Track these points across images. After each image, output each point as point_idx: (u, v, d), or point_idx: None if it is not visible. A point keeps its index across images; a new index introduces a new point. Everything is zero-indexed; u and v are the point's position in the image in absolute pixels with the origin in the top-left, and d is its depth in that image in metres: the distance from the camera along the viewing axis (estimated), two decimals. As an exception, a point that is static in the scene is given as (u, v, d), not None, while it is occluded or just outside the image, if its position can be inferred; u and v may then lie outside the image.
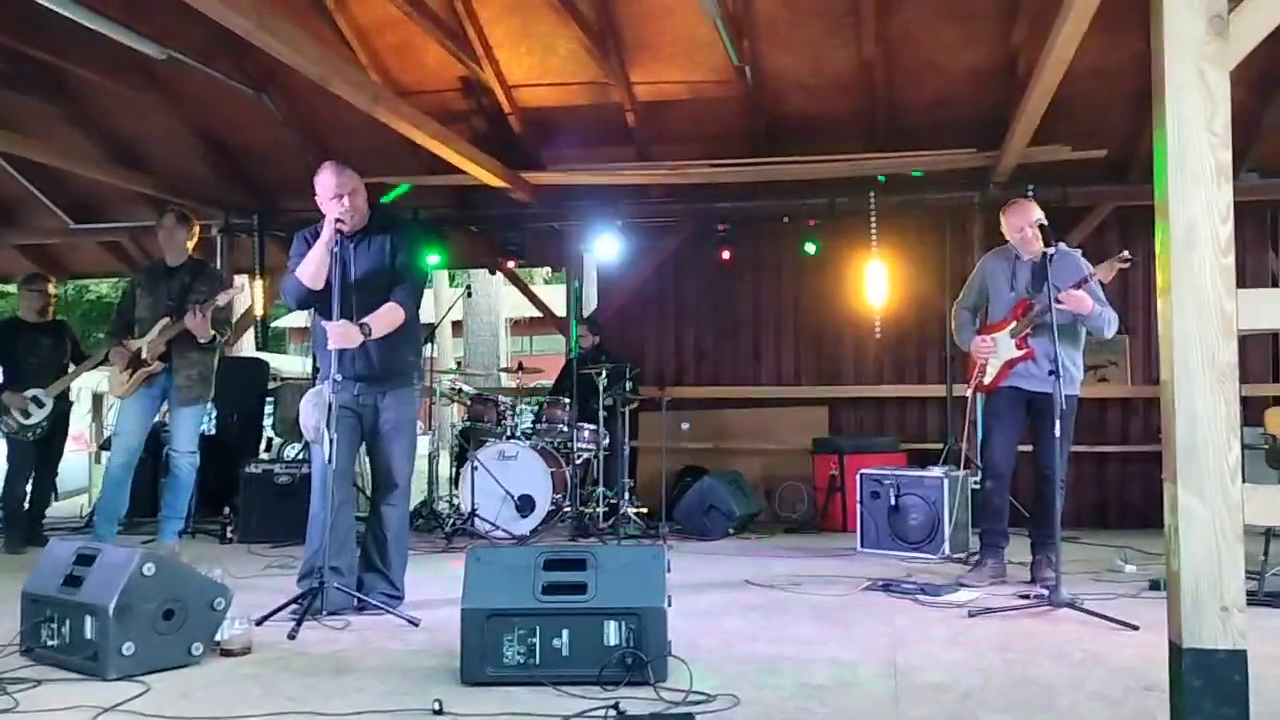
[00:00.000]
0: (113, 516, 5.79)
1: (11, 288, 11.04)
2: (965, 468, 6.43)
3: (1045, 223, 4.91)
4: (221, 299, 5.68)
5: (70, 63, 7.17)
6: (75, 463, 9.96)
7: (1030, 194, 7.18)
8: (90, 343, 7.99)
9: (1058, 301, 4.70)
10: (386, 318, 4.34)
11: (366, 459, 4.77)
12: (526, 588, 3.27)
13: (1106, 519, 7.84)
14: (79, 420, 9.77)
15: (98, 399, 10.63)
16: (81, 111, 8.16)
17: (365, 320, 4.26)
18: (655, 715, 2.82)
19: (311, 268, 4.28)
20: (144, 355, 5.72)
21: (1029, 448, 5.21)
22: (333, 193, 4.32)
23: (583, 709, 2.90)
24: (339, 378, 4.15)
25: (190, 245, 6.01)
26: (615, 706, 2.82)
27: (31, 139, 7.73)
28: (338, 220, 4.25)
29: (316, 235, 4.36)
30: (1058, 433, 4.51)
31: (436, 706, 2.92)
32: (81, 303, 19.95)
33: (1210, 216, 2.29)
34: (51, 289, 6.97)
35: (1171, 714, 2.35)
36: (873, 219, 7.74)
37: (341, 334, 4.16)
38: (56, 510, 8.81)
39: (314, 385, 4.57)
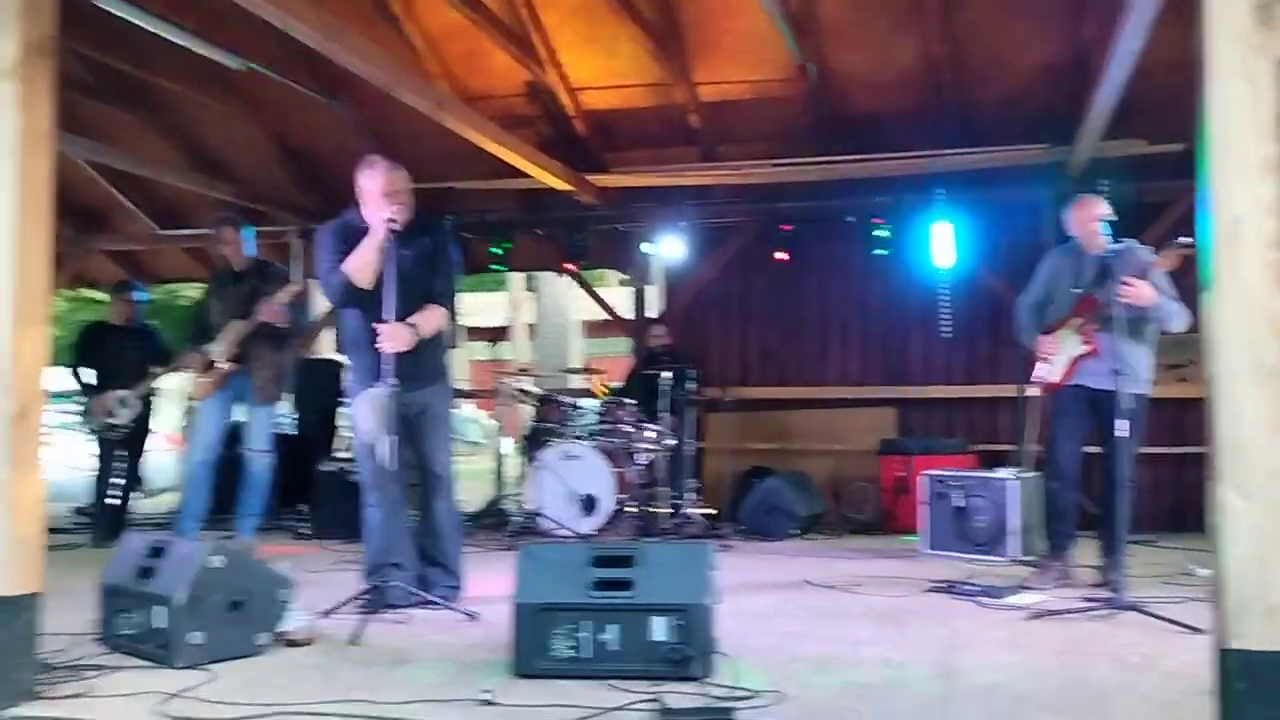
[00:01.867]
0: (194, 514, 5.98)
1: (104, 295, 11.47)
2: (1036, 469, 6.32)
3: (1112, 218, 4.81)
4: (283, 296, 5.81)
5: (153, 74, 7.45)
6: (166, 461, 10.33)
7: (1104, 189, 7.05)
8: (177, 347, 8.26)
9: (1119, 293, 4.60)
10: (433, 319, 4.45)
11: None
12: (577, 583, 3.33)
13: (1185, 523, 7.60)
14: (172, 421, 10.13)
15: (190, 400, 10.98)
16: (165, 121, 8.47)
17: (413, 321, 4.34)
18: (696, 710, 2.84)
19: (364, 266, 4.29)
20: (217, 358, 5.90)
21: (1099, 448, 5.12)
22: (387, 189, 4.36)
23: (626, 702, 2.94)
24: (394, 380, 4.19)
25: (252, 249, 6.11)
26: (658, 700, 2.85)
27: (118, 148, 8.05)
28: (389, 220, 4.26)
29: (348, 230, 4.42)
30: (1121, 432, 4.41)
31: (487, 697, 2.98)
32: (171, 307, 20.56)
33: (1256, 211, 2.24)
34: (136, 297, 7.21)
35: (1218, 716, 2.30)
36: (941, 217, 7.63)
37: (394, 335, 4.22)
38: (146, 507, 9.15)
39: (352, 388, 4.61)
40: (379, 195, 4.36)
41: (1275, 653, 2.19)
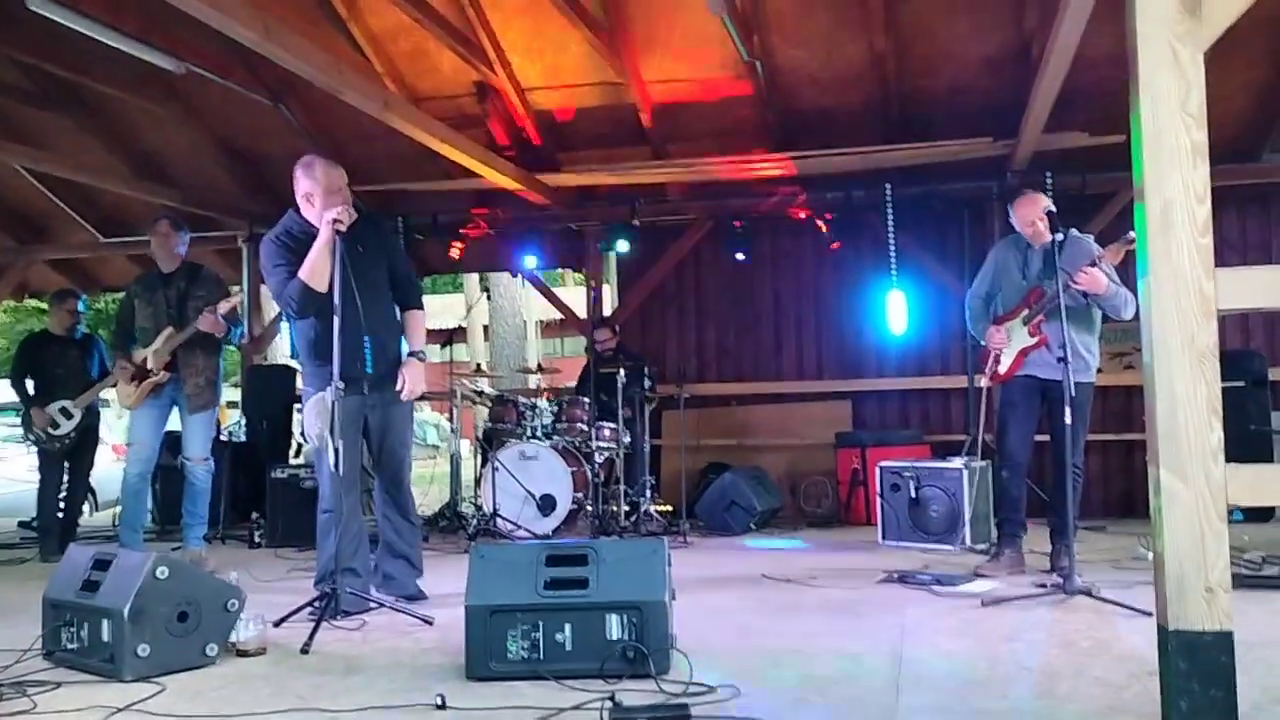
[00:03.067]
0: (136, 525, 5.90)
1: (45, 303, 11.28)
2: (985, 458, 6.39)
3: (1054, 210, 4.87)
4: (223, 308, 5.71)
5: (93, 79, 7.32)
6: (114, 473, 10.16)
7: (1048, 181, 7.16)
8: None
9: (1074, 281, 4.67)
10: (422, 331, 4.57)
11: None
12: (529, 583, 3.30)
13: (1135, 508, 7.73)
14: (120, 432, 9.97)
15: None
16: (106, 127, 8.33)
17: (417, 350, 4.53)
18: (651, 707, 2.84)
19: (319, 269, 4.21)
20: (149, 365, 5.79)
21: (1048, 437, 5.19)
22: (335, 185, 4.31)
23: (581, 701, 2.93)
24: (342, 385, 4.13)
25: (182, 250, 6.00)
26: (611, 698, 2.85)
27: (59, 155, 7.91)
28: (336, 220, 4.16)
29: (292, 237, 4.37)
30: (1068, 420, 4.47)
31: (439, 702, 2.96)
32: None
33: (1187, 197, 2.27)
34: (79, 306, 7.07)
35: (1161, 696, 2.34)
36: (889, 211, 7.70)
37: (415, 377, 4.45)
38: (95, 520, 9.02)
39: (306, 393, 4.55)
40: (321, 194, 4.31)
41: (1214, 633, 2.22)
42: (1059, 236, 4.64)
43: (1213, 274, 2.25)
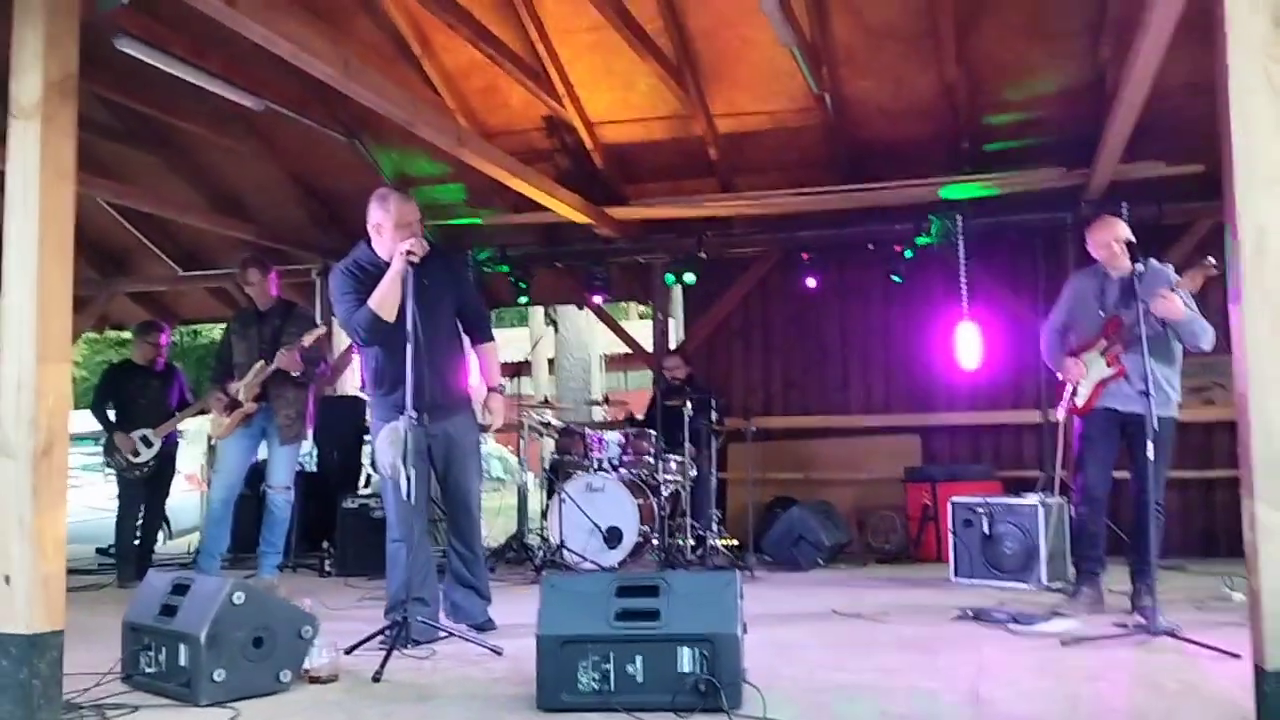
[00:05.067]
0: (215, 552, 6.00)
1: (127, 334, 11.58)
2: (1061, 494, 6.25)
3: (1132, 239, 4.78)
4: (307, 340, 5.86)
5: (174, 116, 7.54)
6: (188, 502, 10.37)
7: (1123, 211, 7.02)
8: (201, 387, 8.35)
9: (1151, 307, 4.56)
10: (497, 363, 4.68)
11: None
12: (601, 614, 3.28)
13: (1216, 547, 7.51)
14: (193, 461, 10.17)
15: (212, 440, 11.04)
16: (186, 162, 8.57)
17: (496, 385, 4.66)
18: (725, 741, 2.80)
19: (389, 300, 4.26)
20: (240, 397, 5.93)
21: (1126, 473, 5.05)
22: (400, 221, 4.37)
23: (654, 735, 2.90)
24: (414, 414, 4.16)
25: (273, 289, 6.17)
26: (685, 732, 2.81)
27: (140, 190, 8.15)
28: (409, 252, 4.22)
29: (362, 268, 4.44)
30: (1150, 455, 4.35)
31: (510, 732, 2.95)
32: (196, 347, 20.75)
33: (1283, 222, 2.21)
34: (162, 339, 7.24)
35: (1260, 740, 2.24)
36: (960, 241, 7.60)
37: (498, 411, 4.64)
38: (169, 547, 9.18)
39: (374, 424, 4.61)
40: (394, 227, 4.38)
41: (1317, 673, 2.13)
42: (1139, 267, 4.54)
43: (1311, 300, 2.18)
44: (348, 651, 4.04)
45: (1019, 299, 8.06)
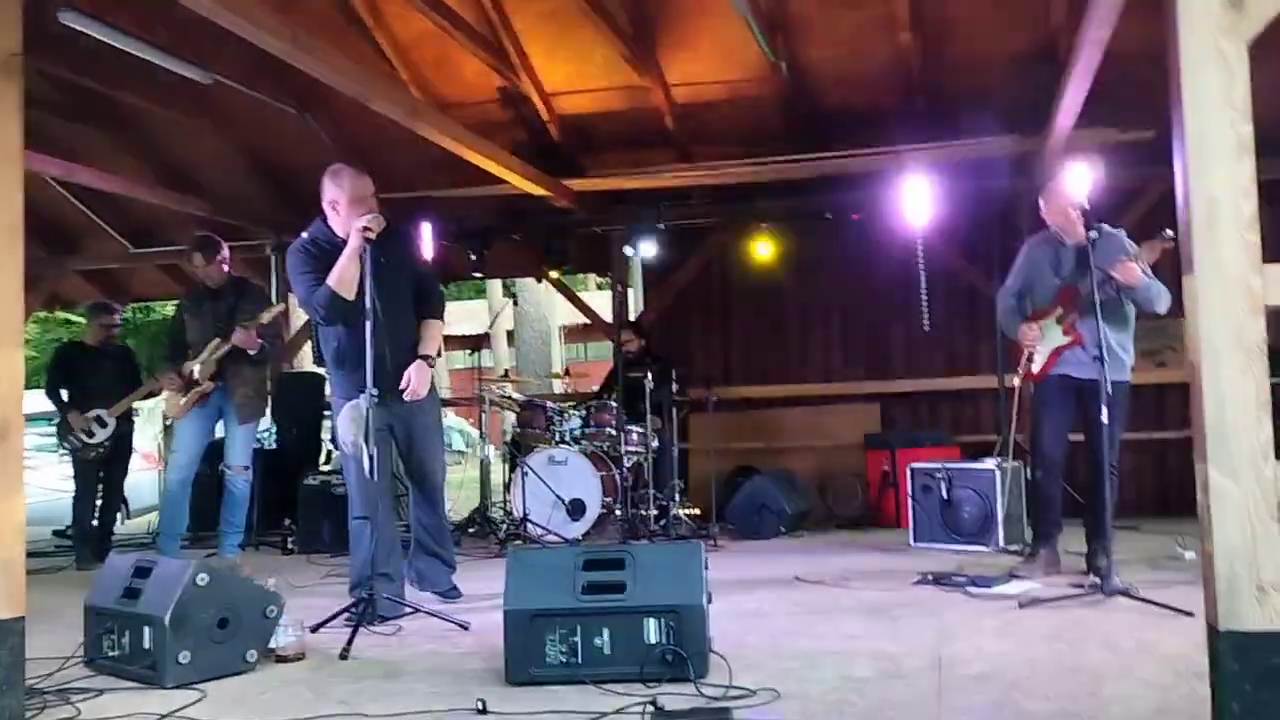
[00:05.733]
0: (174, 532, 5.95)
1: (80, 315, 11.39)
2: (1017, 459, 6.35)
3: (1086, 206, 4.83)
4: (265, 317, 5.81)
5: (122, 90, 7.38)
6: (145, 481, 10.25)
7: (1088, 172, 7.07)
8: (155, 364, 8.24)
9: (1110, 273, 4.63)
10: (438, 337, 4.60)
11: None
12: (567, 588, 3.31)
13: (1169, 507, 7.66)
14: (149, 439, 10.05)
15: (168, 418, 10.91)
16: (135, 138, 8.40)
17: (427, 354, 4.53)
18: (693, 710, 2.83)
19: (348, 277, 4.24)
20: (196, 376, 5.86)
21: (1082, 436, 5.14)
22: (361, 194, 4.34)
23: (622, 705, 2.93)
24: (375, 392, 4.14)
25: (225, 267, 6.08)
26: (654, 703, 2.84)
27: (89, 167, 7.97)
28: (365, 229, 4.18)
29: (318, 246, 4.41)
30: (1105, 419, 4.43)
31: (479, 706, 2.96)
32: (147, 325, 20.43)
33: (1233, 192, 2.25)
34: (116, 319, 7.14)
35: (1212, 698, 2.31)
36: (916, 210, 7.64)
37: (421, 376, 4.48)
38: (127, 528, 9.08)
39: (335, 401, 4.59)
40: (348, 202, 4.33)
41: (1267, 633, 2.19)
42: (1093, 234, 4.60)
43: (1260, 269, 2.23)
44: (314, 630, 4.04)
45: (974, 265, 8.14)
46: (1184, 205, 2.32)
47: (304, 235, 4.51)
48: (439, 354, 4.72)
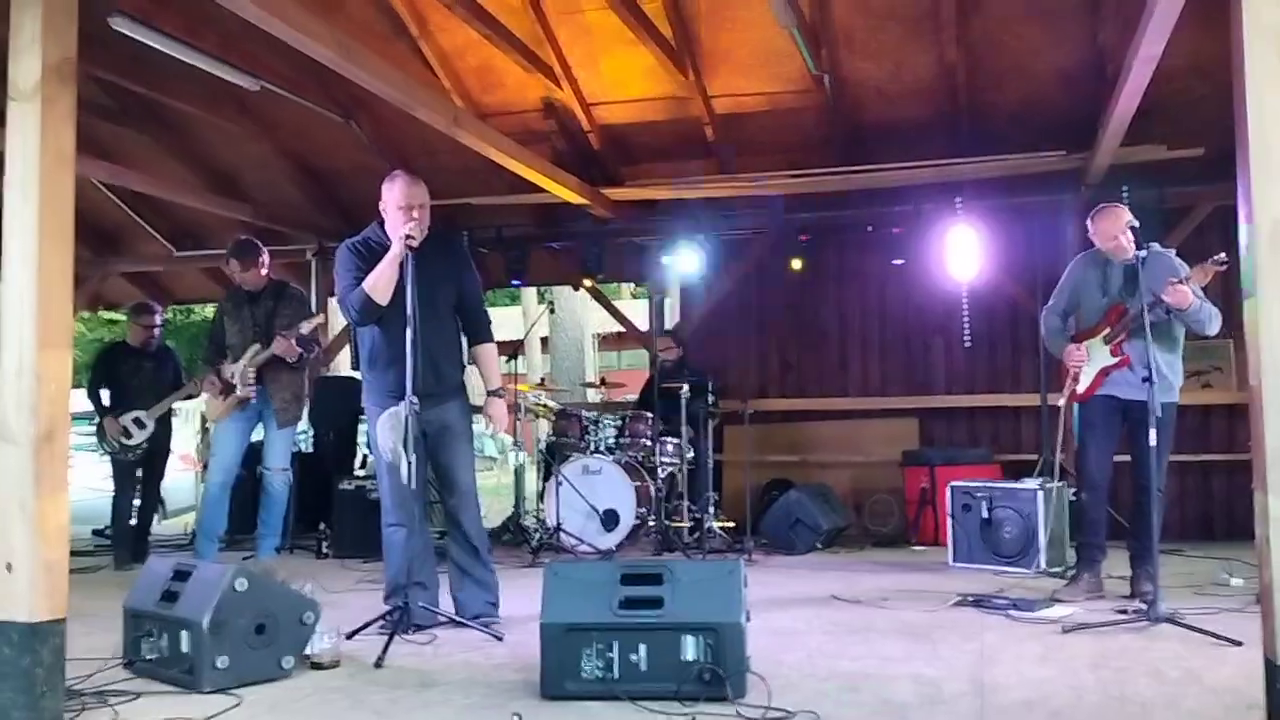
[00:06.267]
0: (212, 534, 5.98)
1: (123, 315, 11.52)
2: (1061, 479, 6.26)
3: (1135, 224, 4.76)
4: (305, 328, 5.83)
5: (170, 96, 7.46)
6: (182, 482, 10.35)
7: (1124, 195, 6.98)
8: (194, 367, 8.32)
9: (1161, 295, 4.55)
10: (497, 366, 4.62)
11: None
12: (604, 602, 3.28)
13: (1213, 532, 7.55)
14: (187, 441, 10.15)
15: (205, 420, 11.01)
16: (181, 142, 8.50)
17: (496, 388, 4.60)
18: (732, 731, 2.80)
19: (383, 283, 4.26)
20: (235, 381, 5.89)
21: (1127, 458, 5.05)
22: (403, 203, 4.33)
23: (659, 724, 2.90)
24: (415, 400, 4.14)
25: (264, 272, 6.10)
26: (691, 722, 2.81)
27: (135, 170, 8.08)
28: (408, 237, 4.21)
29: (368, 247, 4.42)
30: (1153, 442, 4.35)
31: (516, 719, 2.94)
32: (188, 326, 20.66)
33: (1299, 214, 2.19)
34: (157, 320, 7.20)
35: (1269, 734, 2.25)
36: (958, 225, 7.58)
37: (501, 416, 4.63)
38: (164, 528, 9.17)
39: (368, 406, 4.58)
40: (394, 209, 4.35)
41: (1329, 667, 2.13)
42: (1142, 253, 4.52)
43: (1326, 294, 2.17)
44: (349, 636, 4.04)
45: (1017, 282, 8.04)
46: (1247, 227, 2.26)
47: (360, 234, 4.54)
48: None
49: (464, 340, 4.69)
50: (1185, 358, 5.11)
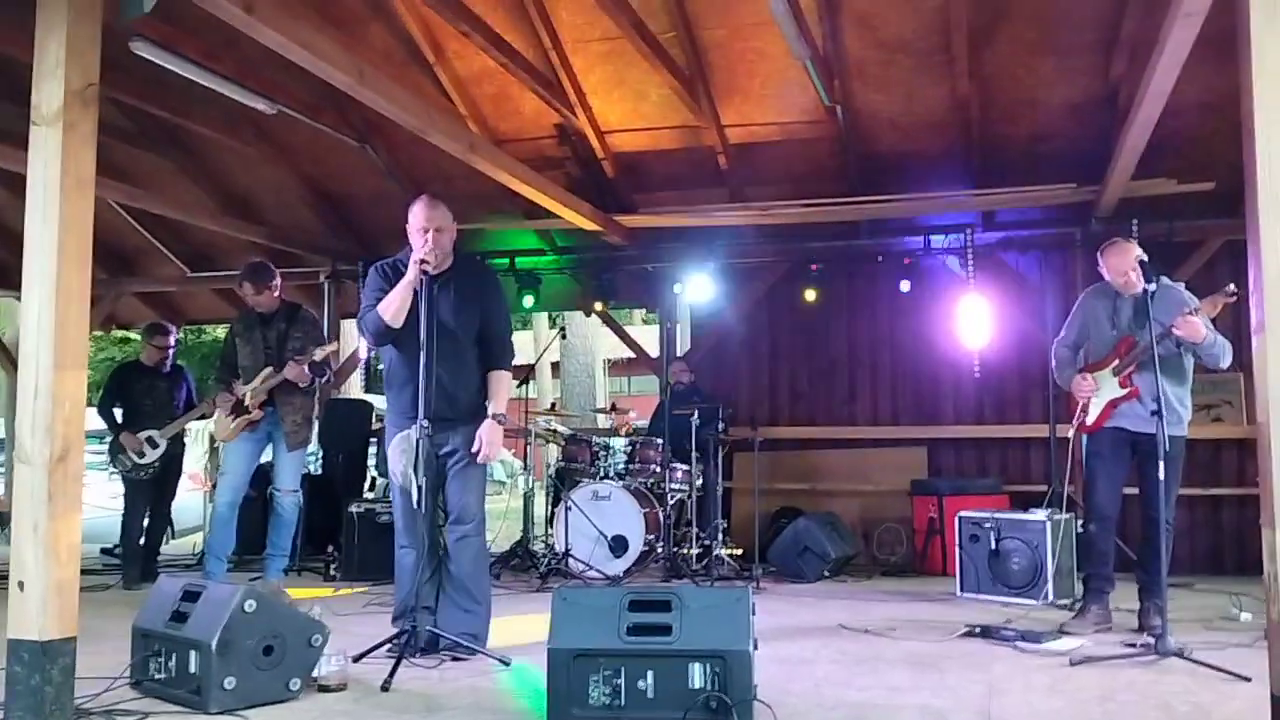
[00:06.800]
0: (221, 554, 5.99)
1: (135, 334, 11.61)
2: (1069, 511, 6.24)
3: (1145, 258, 4.77)
4: (318, 354, 5.85)
5: (187, 119, 7.54)
6: (191, 502, 10.36)
7: (1134, 229, 7.00)
8: (205, 386, 8.37)
9: (1174, 329, 4.56)
10: (505, 393, 4.47)
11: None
12: (612, 628, 3.28)
13: (1223, 565, 7.51)
14: (195, 461, 10.17)
15: (214, 440, 11.03)
16: (198, 165, 8.58)
17: (495, 414, 4.39)
18: (738, 761, 2.79)
19: (395, 305, 4.26)
20: (247, 403, 5.92)
21: (1135, 490, 5.05)
22: (419, 225, 4.33)
23: (666, 752, 2.90)
24: (427, 423, 4.16)
25: (276, 294, 6.12)
26: (698, 750, 2.81)
27: (151, 192, 8.16)
28: (422, 261, 4.22)
29: (395, 269, 4.41)
30: (1161, 475, 4.35)
31: (522, 746, 2.94)
32: (200, 346, 20.76)
33: (1307, 251, 2.21)
34: (171, 341, 7.25)
35: (1277, 771, 2.24)
36: (969, 256, 7.61)
37: (493, 440, 4.35)
38: (172, 548, 9.17)
39: (388, 429, 4.58)
40: (414, 231, 4.37)
41: (1337, 705, 2.12)
42: (1151, 286, 4.54)
43: (1336, 331, 2.18)
44: (356, 659, 4.04)
45: (1027, 313, 8.06)
46: (1255, 263, 2.28)
47: (392, 257, 4.53)
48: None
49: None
50: (1195, 391, 5.12)
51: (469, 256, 4.53)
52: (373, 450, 9.18)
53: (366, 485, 8.87)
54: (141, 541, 7.11)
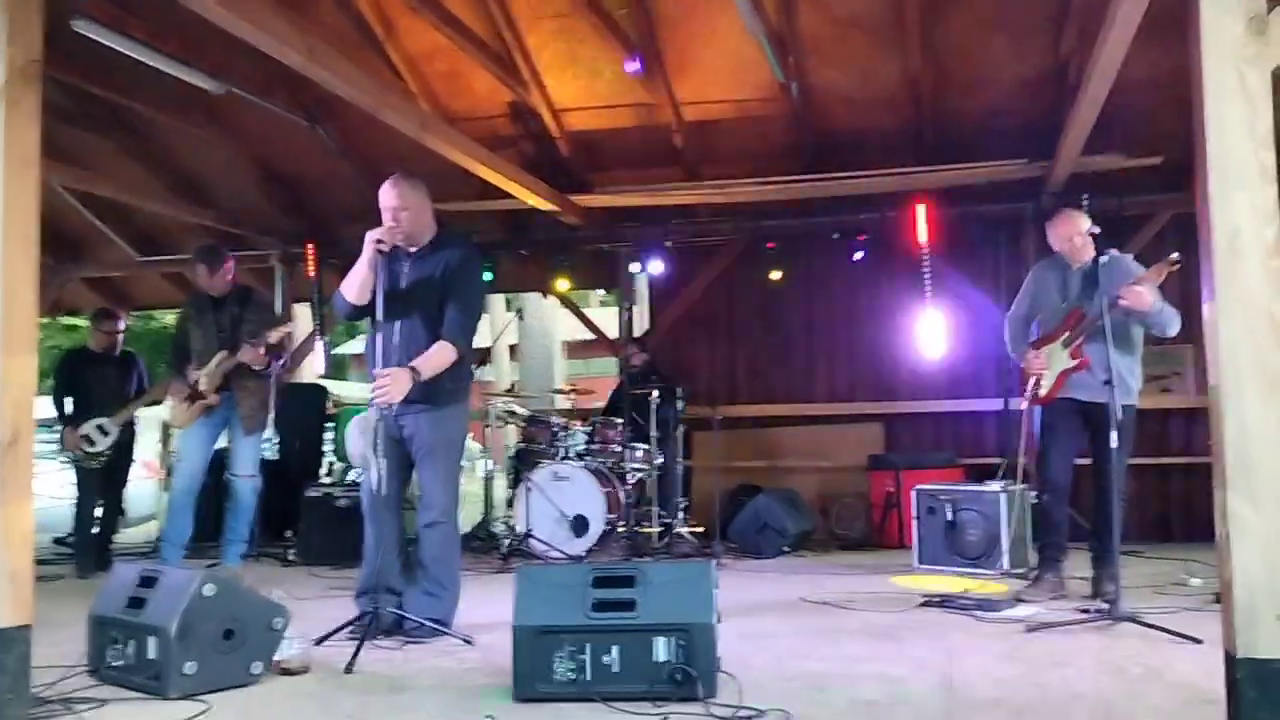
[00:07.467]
0: (178, 541, 5.91)
1: (82, 320, 11.39)
2: (1023, 482, 6.34)
3: (1096, 230, 4.84)
4: (273, 336, 5.78)
5: (134, 100, 7.39)
6: (144, 489, 10.21)
7: (1085, 203, 7.09)
8: (156, 372, 8.23)
9: (1119, 298, 4.63)
10: (436, 358, 4.23)
11: None
12: (577, 605, 3.29)
13: (1171, 532, 7.67)
14: (149, 448, 10.02)
15: (167, 427, 10.88)
16: (145, 147, 8.42)
17: (414, 364, 4.17)
18: (704, 731, 2.82)
19: (354, 282, 4.31)
20: (202, 388, 5.84)
21: (1088, 460, 5.13)
22: (382, 203, 4.32)
23: (631, 725, 2.92)
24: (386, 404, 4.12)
25: (229, 277, 6.03)
26: (663, 722, 2.83)
27: (97, 175, 7.99)
28: (378, 241, 4.20)
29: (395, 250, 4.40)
30: (1114, 444, 4.43)
31: (488, 722, 2.95)
32: (148, 332, 20.43)
33: (1255, 219, 2.25)
34: (119, 326, 7.13)
35: (1228, 726, 2.30)
36: (923, 232, 7.68)
37: (394, 382, 4.08)
38: (127, 536, 9.05)
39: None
40: (382, 211, 4.34)
41: (1286, 661, 2.18)
42: (1102, 258, 4.61)
43: (1282, 296, 2.23)
44: (318, 642, 4.03)
45: (980, 288, 8.15)
46: (1205, 233, 2.32)
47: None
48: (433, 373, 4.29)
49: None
50: (1145, 362, 5.21)
51: (453, 235, 4.51)
52: (328, 435, 9.09)
53: (324, 470, 8.79)
54: (94, 531, 7.00)
